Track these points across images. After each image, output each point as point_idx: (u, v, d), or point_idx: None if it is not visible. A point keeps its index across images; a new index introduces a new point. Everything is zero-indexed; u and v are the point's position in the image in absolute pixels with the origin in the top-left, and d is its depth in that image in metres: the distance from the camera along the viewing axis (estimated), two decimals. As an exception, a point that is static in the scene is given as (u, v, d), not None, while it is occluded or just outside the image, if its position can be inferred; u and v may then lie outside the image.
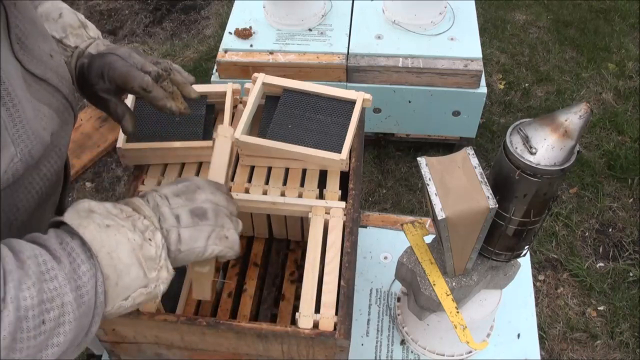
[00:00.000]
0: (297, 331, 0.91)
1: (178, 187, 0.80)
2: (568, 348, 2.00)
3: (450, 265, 0.95)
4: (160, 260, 0.72)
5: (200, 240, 0.77)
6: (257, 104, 1.16)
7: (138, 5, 3.42)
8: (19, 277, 0.59)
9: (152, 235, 0.72)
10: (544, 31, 3.14)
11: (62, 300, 0.62)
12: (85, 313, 0.66)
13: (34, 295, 0.59)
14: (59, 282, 0.62)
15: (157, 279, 0.72)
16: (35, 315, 0.59)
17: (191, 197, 0.79)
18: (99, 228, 0.69)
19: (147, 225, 0.73)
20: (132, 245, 0.70)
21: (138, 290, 0.71)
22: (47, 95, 0.80)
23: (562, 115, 0.76)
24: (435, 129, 2.42)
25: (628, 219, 2.34)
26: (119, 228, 0.70)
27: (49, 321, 0.61)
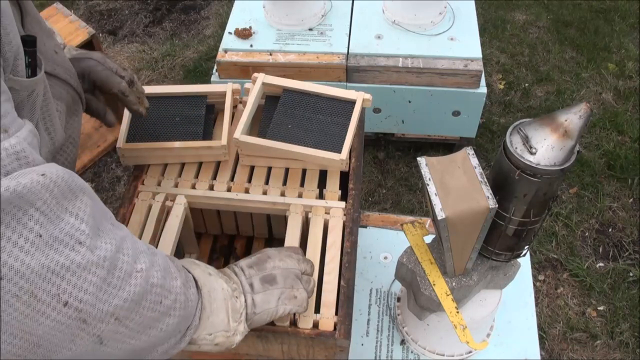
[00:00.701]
0: (297, 331, 0.91)
1: (251, 260, 0.89)
2: (568, 348, 2.00)
3: (450, 265, 0.95)
4: (241, 316, 0.83)
5: (272, 303, 0.85)
6: (257, 104, 1.16)
7: (138, 5, 3.42)
8: (151, 260, 0.69)
9: (239, 295, 0.84)
10: (544, 31, 3.14)
11: (176, 297, 0.72)
12: (186, 319, 0.75)
13: (160, 278, 0.69)
14: (177, 283, 0.73)
15: (235, 329, 0.82)
16: (158, 292, 0.68)
17: (262, 267, 0.88)
18: (203, 273, 0.82)
19: (235, 286, 0.84)
20: (224, 294, 0.82)
21: (221, 332, 0.81)
22: (59, 90, 0.86)
23: (562, 115, 0.76)
24: (435, 129, 2.42)
25: (628, 219, 2.34)
26: (217, 278, 0.83)
27: (164, 305, 0.69)
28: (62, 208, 0.60)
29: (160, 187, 1.11)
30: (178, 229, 1.05)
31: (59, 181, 0.60)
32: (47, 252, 0.57)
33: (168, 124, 1.15)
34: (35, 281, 0.56)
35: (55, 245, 0.58)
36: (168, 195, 1.09)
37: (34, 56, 0.72)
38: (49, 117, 0.81)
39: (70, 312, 0.59)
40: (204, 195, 1.10)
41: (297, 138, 1.09)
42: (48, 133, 0.81)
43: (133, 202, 1.08)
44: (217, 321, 0.80)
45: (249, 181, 1.12)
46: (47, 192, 0.58)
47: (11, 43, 0.66)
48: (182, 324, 0.74)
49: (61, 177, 0.60)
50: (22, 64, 0.69)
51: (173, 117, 1.16)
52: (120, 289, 0.63)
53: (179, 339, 0.75)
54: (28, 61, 0.71)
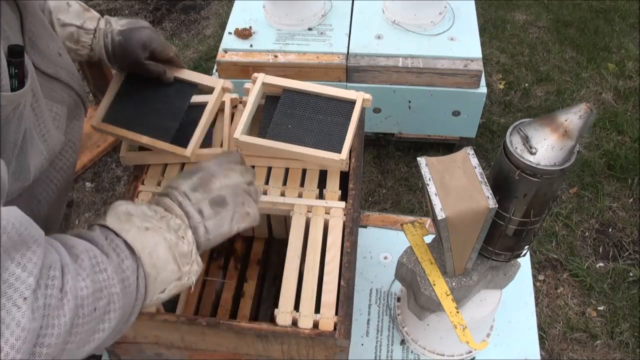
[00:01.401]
0: (297, 331, 0.91)
1: (193, 181, 0.84)
2: (568, 348, 2.00)
3: (450, 265, 0.95)
4: (192, 256, 0.78)
5: (225, 226, 0.83)
6: (257, 104, 1.16)
7: (138, 5, 3.42)
8: (75, 270, 0.65)
9: (184, 234, 0.78)
10: (544, 31, 3.14)
11: (109, 291, 0.68)
12: (128, 303, 0.72)
13: (89, 285, 0.65)
14: (107, 274, 0.68)
15: (189, 272, 0.78)
16: (89, 303, 0.65)
17: (208, 188, 0.83)
18: (139, 231, 0.75)
19: (179, 224, 0.78)
20: (168, 244, 0.76)
21: (173, 283, 0.78)
22: (60, 93, 0.85)
23: (562, 115, 0.76)
24: (435, 129, 2.42)
25: (628, 219, 2.34)
26: (156, 230, 0.76)
27: (99, 309, 0.67)
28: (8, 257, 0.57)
29: (160, 187, 1.11)
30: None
31: (9, 228, 0.57)
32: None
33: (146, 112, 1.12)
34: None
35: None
36: (168, 195, 1.09)
37: (21, 66, 0.69)
38: (43, 122, 0.78)
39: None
40: (204, 195, 1.10)
41: (297, 138, 1.09)
42: (44, 140, 0.79)
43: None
44: (166, 275, 0.76)
45: (249, 181, 1.12)
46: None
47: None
48: (126, 308, 0.72)
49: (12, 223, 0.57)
50: (5, 78, 0.66)
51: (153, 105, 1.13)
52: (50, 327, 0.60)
53: (126, 319, 0.73)
54: (14, 72, 0.68)
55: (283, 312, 0.93)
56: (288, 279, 0.97)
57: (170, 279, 0.77)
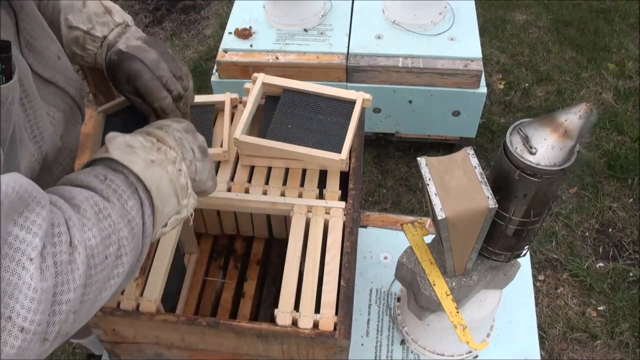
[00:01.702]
0: (297, 331, 0.91)
1: (182, 126, 0.86)
2: (568, 348, 2.00)
3: (450, 265, 0.95)
4: (188, 189, 0.80)
5: (205, 173, 0.85)
6: (257, 104, 1.16)
7: (138, 5, 3.42)
8: (80, 221, 0.64)
9: (180, 166, 0.79)
10: (544, 31, 3.14)
11: (118, 236, 0.68)
12: (137, 243, 0.72)
13: (96, 235, 0.65)
14: (112, 219, 0.68)
15: (186, 205, 0.80)
16: (99, 252, 0.65)
17: (195, 136, 0.86)
18: (145, 164, 0.75)
19: (174, 156, 0.79)
20: (170, 177, 0.77)
21: (173, 217, 0.79)
22: (56, 98, 0.82)
23: (562, 115, 0.76)
24: (435, 129, 2.42)
25: (628, 219, 2.34)
26: (160, 163, 0.77)
27: (110, 255, 0.66)
28: (11, 221, 0.56)
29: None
30: (178, 229, 1.05)
31: (9, 192, 0.56)
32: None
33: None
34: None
35: (4, 263, 0.55)
36: (168, 195, 1.09)
37: (9, 62, 0.67)
38: (36, 124, 0.76)
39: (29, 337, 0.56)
40: (204, 195, 1.10)
41: (297, 138, 1.09)
42: (36, 142, 0.77)
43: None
44: (169, 209, 0.77)
45: (249, 181, 1.12)
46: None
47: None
48: (137, 248, 0.72)
49: (12, 187, 0.56)
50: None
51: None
52: (65, 284, 0.60)
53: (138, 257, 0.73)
54: (1, 67, 0.66)
55: (283, 312, 0.93)
56: (288, 279, 0.97)
57: (171, 212, 0.78)
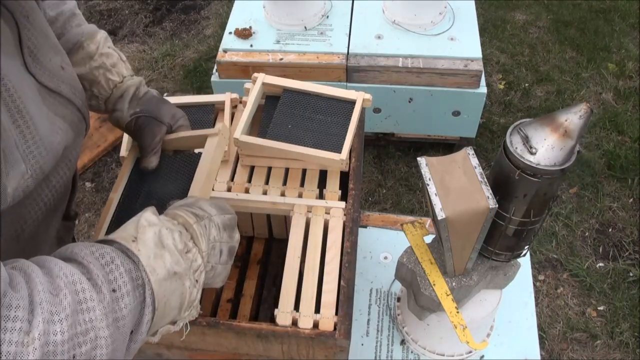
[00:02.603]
0: (297, 331, 0.91)
1: (225, 220, 0.80)
2: (568, 348, 2.00)
3: (450, 265, 0.95)
4: (196, 302, 0.74)
5: (221, 277, 0.80)
6: (257, 104, 1.16)
7: (138, 5, 3.42)
8: (50, 310, 0.55)
9: (199, 277, 0.73)
10: (544, 31, 3.14)
11: (96, 334, 0.58)
12: (119, 347, 0.63)
13: (65, 330, 0.55)
14: (95, 314, 0.59)
15: (185, 317, 0.73)
16: (64, 350, 0.55)
17: (232, 235, 0.81)
18: (167, 275, 0.68)
19: (199, 265, 0.73)
20: (182, 291, 0.70)
21: (166, 327, 0.72)
22: (61, 108, 0.80)
23: (562, 115, 0.76)
24: (435, 129, 2.42)
25: (628, 219, 2.34)
26: (181, 276, 0.70)
27: (79, 355, 0.57)
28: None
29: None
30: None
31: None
32: None
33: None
34: None
35: None
36: (168, 195, 1.09)
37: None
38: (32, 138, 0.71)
39: None
40: (204, 195, 1.10)
41: (297, 138, 1.09)
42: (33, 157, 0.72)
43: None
44: (166, 321, 0.71)
45: (249, 181, 1.12)
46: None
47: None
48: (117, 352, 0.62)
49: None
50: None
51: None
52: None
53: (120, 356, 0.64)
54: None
55: (283, 312, 0.93)
56: (288, 279, 0.97)
57: (165, 320, 0.72)
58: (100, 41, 0.97)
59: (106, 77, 0.96)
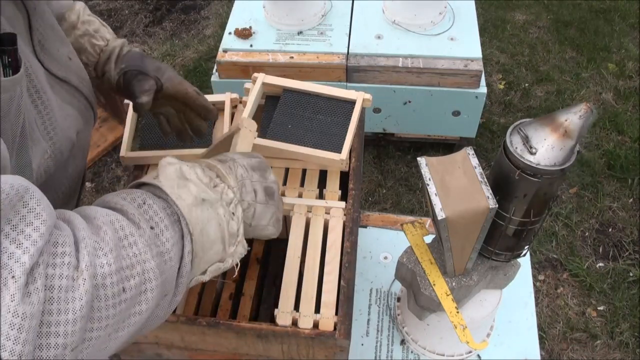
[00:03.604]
0: (297, 331, 0.91)
1: (252, 162, 0.80)
2: (568, 348, 2.00)
3: (450, 265, 0.95)
4: (239, 236, 0.73)
5: (265, 219, 0.78)
6: (257, 104, 1.16)
7: (138, 5, 3.42)
8: (94, 244, 0.57)
9: (235, 209, 0.72)
10: (544, 31, 3.14)
11: (142, 267, 0.59)
12: (168, 280, 0.64)
13: (111, 262, 0.57)
14: (138, 248, 0.60)
15: (233, 254, 0.73)
16: (113, 282, 0.56)
17: (265, 175, 0.79)
18: (195, 201, 0.68)
19: (231, 198, 0.72)
20: (219, 221, 0.70)
21: (215, 265, 0.72)
22: (69, 96, 0.83)
23: (562, 115, 0.76)
24: (435, 129, 2.42)
25: (628, 219, 2.34)
26: (212, 203, 0.70)
27: (129, 289, 0.58)
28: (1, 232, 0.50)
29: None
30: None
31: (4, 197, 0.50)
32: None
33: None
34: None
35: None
36: (168, 195, 1.09)
37: (15, 55, 0.65)
38: (50, 120, 0.76)
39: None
40: (204, 195, 1.10)
41: (297, 138, 1.09)
42: (49, 138, 0.76)
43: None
44: (211, 255, 0.70)
45: (249, 181, 1.12)
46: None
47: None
48: (167, 285, 0.64)
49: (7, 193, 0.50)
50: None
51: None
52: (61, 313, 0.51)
53: (169, 299, 0.65)
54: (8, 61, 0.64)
55: (283, 312, 0.93)
56: (288, 279, 0.97)
57: (213, 259, 0.71)
58: (80, 10, 0.99)
59: (92, 43, 0.98)
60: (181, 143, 1.15)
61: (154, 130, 1.16)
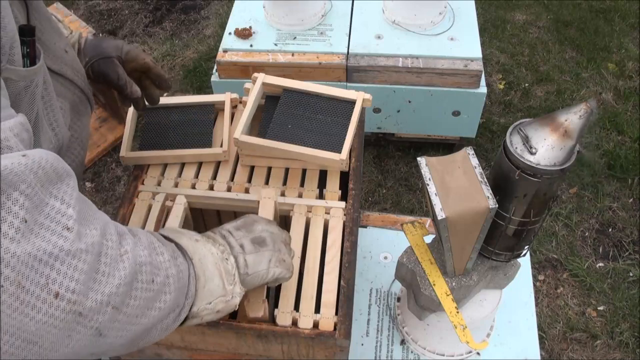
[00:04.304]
0: (297, 331, 0.91)
1: (237, 223, 0.87)
2: (568, 348, 2.00)
3: (450, 265, 0.95)
4: (235, 277, 0.80)
5: (263, 264, 0.83)
6: (257, 104, 1.16)
7: (138, 5, 3.41)
8: (134, 241, 0.66)
9: (227, 256, 0.80)
10: (544, 31, 3.14)
11: (166, 272, 0.69)
12: (181, 292, 0.72)
13: (147, 255, 0.66)
14: (165, 257, 0.70)
15: (232, 292, 0.79)
16: (148, 271, 0.65)
17: (250, 229, 0.86)
18: (190, 241, 0.78)
19: (222, 248, 0.81)
20: (214, 259, 0.78)
21: (219, 298, 0.78)
22: (64, 89, 0.86)
23: (562, 115, 0.76)
24: (435, 129, 2.42)
25: (628, 219, 2.34)
26: (204, 243, 0.79)
27: (157, 283, 0.67)
28: (47, 192, 0.56)
29: (160, 187, 1.11)
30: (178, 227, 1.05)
31: (43, 163, 0.56)
32: (32, 240, 0.53)
33: (180, 132, 1.17)
34: (22, 271, 0.52)
35: (41, 232, 0.54)
36: (168, 195, 1.09)
37: (33, 46, 0.69)
38: (52, 112, 0.80)
39: (63, 304, 0.55)
40: (204, 195, 1.10)
41: (297, 138, 1.09)
42: (52, 129, 0.80)
43: (133, 202, 1.08)
44: (213, 287, 0.77)
45: (249, 181, 1.12)
46: (31, 174, 0.55)
47: (6, 29, 0.64)
48: (179, 297, 0.71)
49: (45, 159, 0.57)
50: (18, 53, 0.67)
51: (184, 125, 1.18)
52: (110, 276, 0.60)
53: (177, 314, 0.72)
54: (26, 51, 0.68)
55: (283, 312, 0.93)
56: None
57: (216, 292, 0.77)
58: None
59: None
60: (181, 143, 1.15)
61: (154, 130, 1.16)
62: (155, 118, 1.17)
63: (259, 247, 0.84)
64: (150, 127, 1.17)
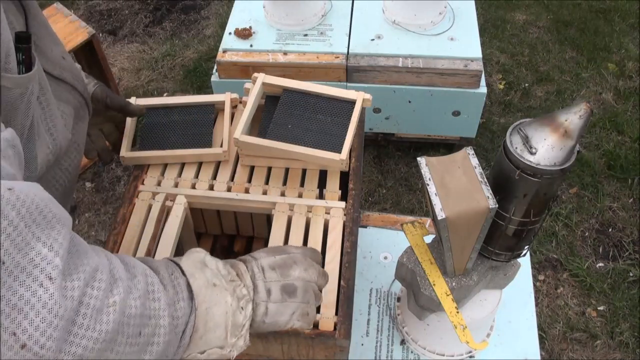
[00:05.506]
0: (297, 331, 0.91)
1: (276, 260, 0.81)
2: (568, 348, 2.00)
3: (450, 265, 0.95)
4: (242, 330, 0.75)
5: (285, 316, 0.79)
6: (257, 104, 1.16)
7: (138, 5, 3.42)
8: (129, 286, 0.62)
9: (245, 305, 0.75)
10: (544, 31, 3.14)
11: (157, 322, 0.65)
12: (171, 344, 0.68)
13: (138, 306, 0.62)
14: (160, 304, 0.66)
15: (233, 345, 0.75)
16: (135, 324, 0.61)
17: (285, 273, 0.80)
18: (207, 284, 0.73)
19: (244, 294, 0.76)
20: (227, 309, 0.74)
21: (214, 349, 0.74)
22: (65, 94, 0.86)
23: (562, 115, 0.76)
24: (435, 129, 2.42)
25: (628, 219, 2.34)
26: (222, 290, 0.74)
27: (144, 335, 0.63)
28: (32, 235, 0.52)
29: (160, 187, 1.11)
30: (178, 229, 1.05)
31: (29, 202, 0.52)
32: (9, 283, 0.50)
33: (179, 133, 1.17)
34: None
35: (21, 277, 0.51)
36: (168, 195, 1.09)
37: (29, 53, 0.69)
38: (50, 117, 0.79)
39: (29, 356, 0.51)
40: (204, 195, 1.10)
41: (297, 138, 1.09)
42: (50, 134, 0.80)
43: (133, 202, 1.08)
44: (212, 338, 0.73)
45: (249, 181, 1.12)
46: (13, 211, 0.51)
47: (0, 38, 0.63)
48: (168, 349, 0.68)
49: (32, 198, 0.53)
50: (13, 61, 0.66)
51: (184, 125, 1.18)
52: (89, 329, 0.55)
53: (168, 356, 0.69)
54: (22, 58, 0.68)
55: (283, 312, 0.93)
56: None
57: (213, 343, 0.74)
58: None
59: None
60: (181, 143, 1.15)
61: (154, 130, 1.16)
62: (155, 118, 1.18)
63: (287, 297, 0.78)
64: (150, 127, 1.17)
